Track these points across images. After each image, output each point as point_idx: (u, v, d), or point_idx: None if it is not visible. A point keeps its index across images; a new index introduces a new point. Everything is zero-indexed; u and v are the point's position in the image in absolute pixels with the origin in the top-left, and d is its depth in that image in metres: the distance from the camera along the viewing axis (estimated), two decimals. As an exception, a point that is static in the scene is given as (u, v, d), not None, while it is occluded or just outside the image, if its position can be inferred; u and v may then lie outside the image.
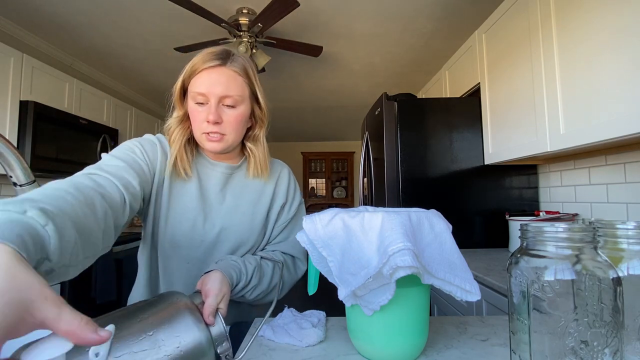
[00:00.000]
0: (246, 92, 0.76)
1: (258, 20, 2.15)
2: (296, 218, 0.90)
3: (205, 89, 0.71)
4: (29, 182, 0.50)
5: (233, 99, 0.73)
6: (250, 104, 0.78)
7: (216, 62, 0.72)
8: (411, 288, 0.55)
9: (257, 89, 0.79)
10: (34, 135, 2.12)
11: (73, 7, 2.19)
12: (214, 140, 0.74)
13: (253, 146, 0.83)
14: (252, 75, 0.78)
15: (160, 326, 0.45)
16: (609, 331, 0.40)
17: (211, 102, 0.72)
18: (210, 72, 0.72)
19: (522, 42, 1.51)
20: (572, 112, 1.23)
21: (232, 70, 0.73)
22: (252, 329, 0.72)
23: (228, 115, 0.74)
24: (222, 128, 0.74)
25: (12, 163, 0.48)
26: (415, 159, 1.92)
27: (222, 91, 0.72)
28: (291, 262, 0.87)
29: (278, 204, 0.86)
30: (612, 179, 1.42)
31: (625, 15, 1.02)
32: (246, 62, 0.77)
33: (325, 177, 6.87)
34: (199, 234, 0.78)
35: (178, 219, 0.76)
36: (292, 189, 0.90)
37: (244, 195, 0.83)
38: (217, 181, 0.81)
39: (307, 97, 4.12)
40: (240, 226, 0.80)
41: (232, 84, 0.73)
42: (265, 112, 0.82)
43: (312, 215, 0.59)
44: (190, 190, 0.78)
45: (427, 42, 2.70)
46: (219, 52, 0.74)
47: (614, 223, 0.50)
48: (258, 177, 0.84)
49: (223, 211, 0.80)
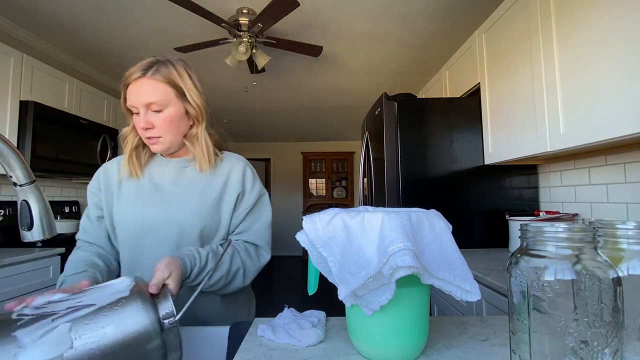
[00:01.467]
0: (170, 95, 0.83)
1: (258, 20, 2.15)
2: (257, 209, 0.95)
3: (132, 100, 0.82)
4: (29, 182, 0.50)
5: (157, 104, 0.81)
6: (179, 105, 0.85)
7: (138, 74, 0.81)
8: (411, 288, 0.55)
9: (187, 89, 0.85)
10: (34, 135, 2.12)
11: (73, 7, 2.19)
12: (153, 143, 0.85)
13: (190, 143, 0.90)
14: (178, 78, 0.84)
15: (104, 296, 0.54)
16: (609, 331, 0.40)
17: (140, 111, 0.82)
18: (133, 85, 0.82)
19: (522, 42, 1.51)
20: (572, 112, 1.23)
21: (152, 79, 0.81)
22: (252, 329, 0.72)
23: (157, 119, 0.83)
24: (156, 132, 0.84)
25: (12, 163, 0.48)
26: (415, 159, 1.92)
27: (145, 99, 0.81)
28: (254, 250, 0.92)
29: (232, 195, 0.91)
30: (612, 179, 1.42)
31: (625, 15, 1.02)
32: (171, 68, 0.84)
33: (325, 177, 6.87)
34: (149, 222, 0.86)
35: (129, 213, 0.87)
36: (250, 180, 0.94)
37: (194, 185, 0.90)
38: (171, 175, 0.91)
39: (307, 97, 4.12)
40: (188, 211, 0.86)
41: (152, 91, 0.81)
42: (199, 110, 0.88)
43: (312, 215, 0.59)
44: (141, 187, 0.89)
45: (427, 42, 2.70)
46: (142, 65, 0.83)
47: (614, 223, 0.50)
48: (202, 171, 0.90)
49: (173, 200, 0.88)
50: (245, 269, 0.88)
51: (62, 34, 2.51)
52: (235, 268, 0.85)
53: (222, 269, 0.82)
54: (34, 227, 0.51)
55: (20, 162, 0.49)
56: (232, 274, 0.85)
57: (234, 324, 0.79)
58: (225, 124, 5.42)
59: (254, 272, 0.91)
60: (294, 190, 7.09)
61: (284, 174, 7.13)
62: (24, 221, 0.51)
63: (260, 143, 7.16)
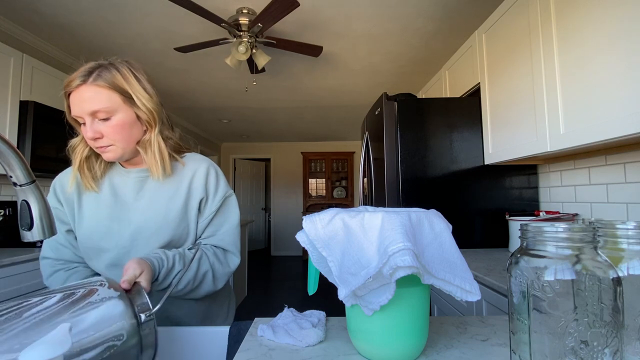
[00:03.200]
0: (116, 101, 0.77)
1: (258, 20, 2.15)
2: (223, 211, 0.91)
3: (76, 110, 0.76)
4: (29, 182, 0.50)
5: (104, 112, 0.76)
6: (128, 110, 0.80)
7: (78, 82, 0.75)
8: (411, 288, 0.55)
9: (134, 93, 0.79)
10: (34, 135, 2.12)
11: (73, 7, 2.19)
12: (104, 151, 0.80)
13: (142, 150, 0.84)
14: (123, 82, 0.78)
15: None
16: (609, 331, 0.40)
17: (86, 120, 0.76)
18: (75, 93, 0.75)
19: (522, 42, 1.51)
20: (572, 112, 1.23)
21: (94, 86, 0.75)
22: (252, 329, 0.72)
23: (105, 127, 0.77)
24: (106, 140, 0.78)
25: (12, 163, 0.48)
26: (415, 159, 1.92)
27: (89, 107, 0.75)
28: (222, 254, 0.90)
29: (196, 200, 0.87)
30: (612, 179, 1.42)
31: (625, 15, 1.02)
32: (115, 71, 0.78)
33: (325, 177, 6.87)
34: (115, 237, 0.82)
35: (93, 228, 0.83)
36: (213, 183, 0.90)
37: (158, 194, 0.86)
38: (133, 186, 0.86)
39: (307, 97, 4.12)
40: (154, 222, 0.83)
41: (95, 98, 0.75)
42: (150, 114, 0.82)
43: (312, 215, 0.58)
44: (102, 200, 0.85)
45: (427, 42, 2.70)
46: (83, 70, 0.76)
47: (614, 223, 0.50)
48: (159, 178, 0.85)
49: (137, 211, 0.84)
50: (215, 272, 0.86)
51: (62, 34, 2.51)
52: (203, 271, 0.83)
53: (189, 273, 0.81)
54: (34, 227, 0.51)
55: (20, 162, 0.49)
56: (200, 278, 0.83)
57: (234, 324, 0.79)
58: (225, 124, 5.43)
59: (224, 275, 0.89)
60: (294, 190, 7.09)
61: (284, 174, 7.13)
62: (24, 221, 0.51)
63: (260, 143, 7.16)
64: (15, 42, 2.38)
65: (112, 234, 0.83)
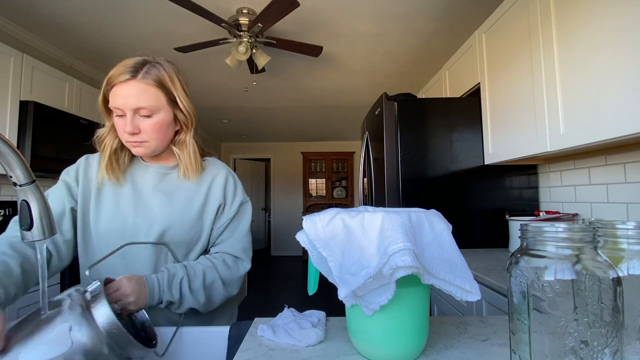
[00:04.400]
0: (161, 100, 0.79)
1: (258, 20, 2.15)
2: (238, 218, 0.92)
3: (120, 103, 0.76)
4: (29, 182, 0.50)
5: (148, 110, 0.77)
6: (169, 110, 0.81)
7: (127, 76, 0.75)
8: (411, 288, 0.55)
9: (177, 95, 0.81)
10: (34, 135, 2.12)
11: (73, 7, 2.19)
12: (135, 146, 0.81)
13: (179, 150, 0.86)
14: (169, 83, 0.80)
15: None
16: (609, 331, 0.40)
17: (127, 114, 0.77)
18: (122, 86, 0.76)
19: (522, 42, 1.51)
20: (572, 112, 1.23)
21: (143, 83, 0.76)
22: (252, 329, 0.72)
23: (145, 124, 0.78)
24: (142, 136, 0.79)
25: (12, 163, 0.48)
26: (415, 159, 1.92)
27: (135, 103, 0.76)
28: (232, 261, 0.89)
29: (213, 206, 0.88)
30: (612, 179, 1.42)
31: (625, 15, 1.02)
32: (163, 71, 0.80)
33: (325, 177, 6.87)
34: (130, 228, 0.83)
35: (109, 218, 0.83)
36: (231, 191, 0.91)
37: (177, 193, 0.86)
38: (151, 181, 0.87)
39: (307, 97, 4.12)
40: (168, 220, 0.83)
41: (143, 95, 0.76)
42: (189, 117, 0.84)
43: (312, 215, 0.58)
44: (122, 191, 0.85)
45: (427, 42, 2.70)
46: (131, 65, 0.77)
47: (614, 223, 0.50)
48: (187, 179, 0.87)
49: (154, 206, 0.84)
50: (224, 279, 0.86)
51: (62, 34, 2.51)
52: (210, 280, 0.83)
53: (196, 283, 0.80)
54: (34, 227, 0.51)
55: (20, 162, 0.49)
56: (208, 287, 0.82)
57: (234, 324, 0.79)
58: (225, 124, 5.43)
59: (234, 281, 0.88)
60: (294, 190, 7.09)
61: (284, 174, 7.13)
62: (24, 221, 0.51)
63: (260, 143, 7.16)
64: (15, 42, 2.38)
65: (127, 225, 0.83)
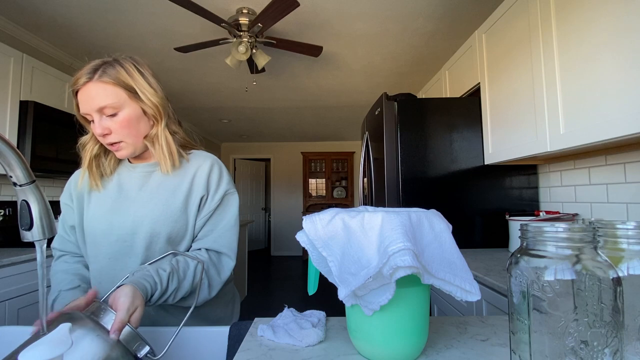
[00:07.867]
0: (122, 96, 0.79)
1: (258, 20, 2.15)
2: (221, 210, 0.89)
3: (84, 108, 0.78)
4: (29, 182, 0.50)
5: (111, 108, 0.78)
6: (134, 105, 0.81)
7: (84, 79, 0.77)
8: (411, 288, 0.55)
9: (138, 88, 0.81)
10: (34, 135, 2.12)
11: (73, 7, 2.19)
12: (116, 149, 0.82)
13: (150, 145, 0.85)
14: (128, 77, 0.80)
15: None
16: (609, 331, 0.40)
17: (94, 117, 0.78)
18: (82, 91, 0.78)
19: (522, 42, 1.51)
20: (572, 112, 1.23)
21: (100, 82, 0.77)
22: (252, 329, 0.72)
23: (113, 122, 0.79)
24: (114, 137, 0.80)
25: (12, 163, 0.48)
26: (415, 159, 1.92)
27: (97, 104, 0.77)
28: (216, 258, 0.87)
29: (196, 197, 0.87)
30: (612, 179, 1.42)
31: (625, 15, 1.02)
32: (119, 67, 0.80)
33: (325, 177, 6.87)
34: (116, 230, 0.83)
35: (96, 222, 0.84)
36: (215, 180, 0.89)
37: (161, 188, 0.86)
38: (137, 181, 0.87)
39: (307, 97, 4.12)
40: (153, 214, 0.83)
41: (102, 94, 0.77)
42: (155, 109, 0.84)
43: (312, 215, 0.58)
44: (108, 195, 0.86)
45: (427, 42, 2.70)
46: (88, 68, 0.78)
47: (614, 223, 0.50)
48: (168, 173, 0.86)
49: (139, 206, 0.84)
50: (210, 279, 0.84)
51: (62, 34, 2.51)
52: (197, 282, 0.82)
53: (184, 287, 0.79)
54: (34, 227, 0.51)
55: (20, 162, 0.49)
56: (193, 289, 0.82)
57: (234, 324, 0.79)
58: (225, 124, 5.43)
59: (218, 284, 0.86)
60: (294, 190, 7.09)
61: (284, 174, 7.13)
62: (24, 221, 0.51)
63: (260, 143, 7.16)
64: (15, 42, 2.38)
65: (113, 226, 0.83)
